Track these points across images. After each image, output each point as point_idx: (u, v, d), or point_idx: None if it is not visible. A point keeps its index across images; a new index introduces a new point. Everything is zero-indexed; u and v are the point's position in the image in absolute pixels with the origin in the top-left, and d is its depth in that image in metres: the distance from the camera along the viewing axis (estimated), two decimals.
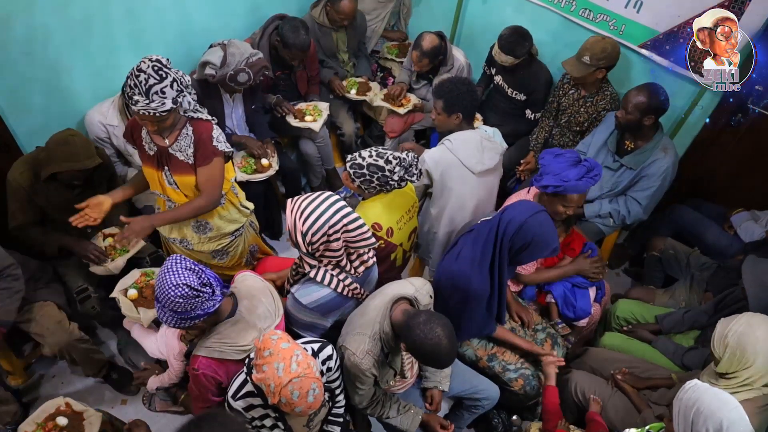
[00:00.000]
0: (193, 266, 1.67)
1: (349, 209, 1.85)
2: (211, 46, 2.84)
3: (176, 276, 1.60)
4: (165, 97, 1.91)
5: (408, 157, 2.22)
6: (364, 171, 2.18)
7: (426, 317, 1.74)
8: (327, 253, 1.88)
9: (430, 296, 2.07)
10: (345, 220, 1.82)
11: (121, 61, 2.80)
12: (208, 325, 1.79)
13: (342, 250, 1.89)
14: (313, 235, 1.80)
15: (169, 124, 2.05)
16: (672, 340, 2.49)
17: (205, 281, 1.64)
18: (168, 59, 1.98)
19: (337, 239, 1.83)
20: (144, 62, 1.91)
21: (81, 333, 2.43)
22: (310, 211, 1.81)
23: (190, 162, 2.17)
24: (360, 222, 1.86)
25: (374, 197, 2.30)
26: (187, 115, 2.12)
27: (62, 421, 2.01)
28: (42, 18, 2.41)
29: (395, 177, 2.18)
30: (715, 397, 1.62)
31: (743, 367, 1.83)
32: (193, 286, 1.60)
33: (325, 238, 1.82)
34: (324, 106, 3.36)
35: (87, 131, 2.72)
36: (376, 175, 2.17)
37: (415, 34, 3.45)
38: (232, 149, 2.27)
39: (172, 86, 1.93)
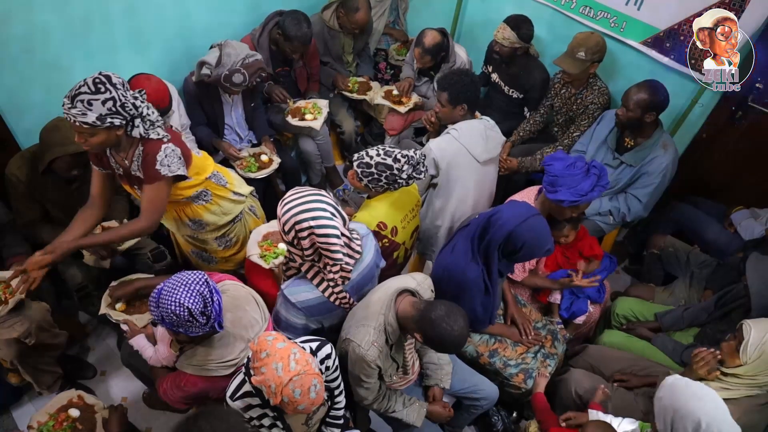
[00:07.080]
0: (207, 293, 1.63)
1: (324, 219, 1.79)
2: (211, 47, 2.84)
3: (186, 295, 1.58)
4: (89, 109, 1.78)
5: (416, 155, 2.22)
6: (373, 170, 2.18)
7: (446, 309, 1.73)
8: (306, 250, 1.87)
9: (431, 290, 2.06)
10: (312, 223, 1.77)
11: (120, 59, 2.80)
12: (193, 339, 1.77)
13: (311, 250, 1.85)
14: (284, 224, 1.81)
15: (97, 142, 1.89)
16: (671, 338, 2.49)
17: (207, 312, 1.62)
18: (125, 82, 1.88)
19: (303, 238, 1.81)
20: (95, 74, 1.82)
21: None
22: (287, 200, 1.83)
23: None
24: (328, 231, 1.79)
25: (380, 196, 2.30)
26: (141, 136, 1.98)
27: (74, 412, 2.02)
28: (41, 16, 2.40)
29: (403, 175, 2.18)
30: (693, 396, 1.59)
31: (766, 373, 1.84)
32: (193, 312, 1.58)
33: (293, 233, 1.82)
34: (323, 104, 3.35)
35: None
36: (384, 174, 2.17)
37: (414, 32, 3.43)
38: (182, 172, 2.07)
39: (104, 103, 1.79)
